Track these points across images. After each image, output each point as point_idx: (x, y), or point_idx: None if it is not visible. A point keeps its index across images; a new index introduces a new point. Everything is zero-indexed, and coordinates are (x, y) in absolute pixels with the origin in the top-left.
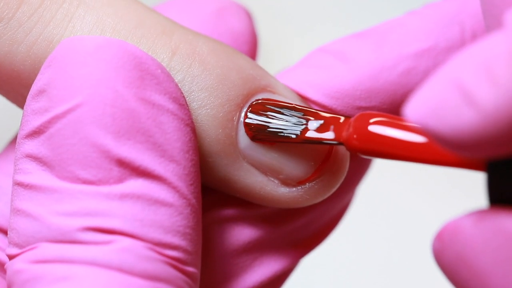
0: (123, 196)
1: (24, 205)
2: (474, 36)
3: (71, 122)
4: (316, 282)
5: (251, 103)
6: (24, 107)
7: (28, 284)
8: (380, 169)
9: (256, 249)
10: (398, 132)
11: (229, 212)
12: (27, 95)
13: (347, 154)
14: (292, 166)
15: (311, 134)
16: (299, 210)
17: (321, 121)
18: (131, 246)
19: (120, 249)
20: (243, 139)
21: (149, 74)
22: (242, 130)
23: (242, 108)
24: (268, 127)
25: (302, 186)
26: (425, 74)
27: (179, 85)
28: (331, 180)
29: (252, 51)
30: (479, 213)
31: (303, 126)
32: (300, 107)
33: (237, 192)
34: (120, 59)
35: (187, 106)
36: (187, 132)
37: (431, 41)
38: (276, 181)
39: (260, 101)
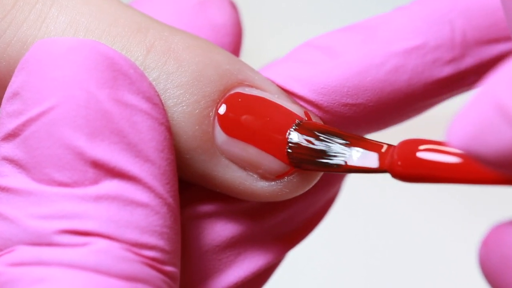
0: (99, 198)
1: (1, 208)
2: (464, 35)
3: (45, 124)
4: (303, 277)
5: (295, 126)
6: (0, 110)
7: (5, 287)
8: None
9: (239, 244)
10: (445, 157)
11: (210, 207)
12: (3, 96)
13: None
14: (270, 160)
15: (355, 163)
16: (282, 204)
17: (365, 150)
18: (107, 248)
19: (96, 250)
20: (220, 134)
21: (122, 75)
22: (218, 125)
23: (218, 103)
24: (314, 157)
25: (281, 180)
26: (413, 72)
27: (154, 82)
28: (310, 174)
29: (234, 43)
30: None
31: (347, 155)
32: (342, 133)
33: (216, 187)
34: (92, 60)
35: (162, 104)
36: (162, 131)
37: (420, 39)
38: (255, 176)
39: (304, 123)
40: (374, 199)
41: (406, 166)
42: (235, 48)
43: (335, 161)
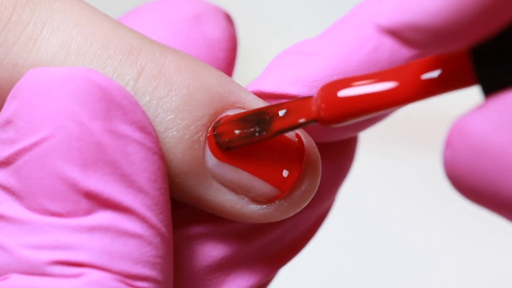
0: (92, 229)
1: None
2: None
3: (38, 155)
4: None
5: (215, 126)
6: None
7: None
8: (359, 177)
9: (229, 264)
10: (368, 85)
11: (201, 228)
12: None
13: (318, 170)
14: (261, 184)
15: (281, 125)
16: (273, 223)
17: (285, 110)
18: (100, 279)
19: (89, 282)
20: (211, 159)
21: (115, 105)
22: (209, 149)
23: (209, 127)
24: (242, 138)
25: (272, 204)
26: (392, 49)
27: (145, 107)
28: (301, 198)
29: (229, 58)
30: (480, 106)
31: (270, 122)
32: (261, 108)
33: (208, 209)
34: (85, 91)
35: (155, 132)
36: (155, 160)
37: None
38: (246, 199)
39: (221, 122)
40: (369, 203)
41: (332, 106)
42: (230, 62)
43: (260, 130)
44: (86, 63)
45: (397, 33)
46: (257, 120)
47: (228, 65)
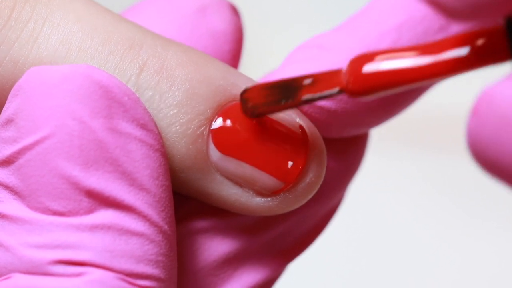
0: (94, 227)
1: None
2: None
3: (39, 154)
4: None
5: (243, 92)
6: None
7: None
8: (363, 178)
9: (236, 259)
10: (399, 59)
11: (207, 222)
12: None
13: (323, 162)
14: (265, 177)
15: (307, 93)
16: (279, 218)
17: (311, 79)
18: (102, 278)
19: (91, 280)
20: (214, 152)
21: (116, 102)
22: (212, 143)
23: (212, 121)
24: (270, 103)
25: (277, 196)
26: (411, 43)
27: (147, 103)
28: (306, 190)
29: (234, 50)
30: (509, 75)
31: (297, 90)
32: (290, 78)
33: (213, 203)
34: (86, 89)
35: (157, 130)
36: (157, 157)
37: (406, 15)
38: (251, 192)
39: (250, 88)
40: (373, 204)
41: (361, 79)
42: (235, 55)
43: (287, 97)
44: (87, 60)
45: (436, 1)
46: (285, 87)
47: (233, 57)
